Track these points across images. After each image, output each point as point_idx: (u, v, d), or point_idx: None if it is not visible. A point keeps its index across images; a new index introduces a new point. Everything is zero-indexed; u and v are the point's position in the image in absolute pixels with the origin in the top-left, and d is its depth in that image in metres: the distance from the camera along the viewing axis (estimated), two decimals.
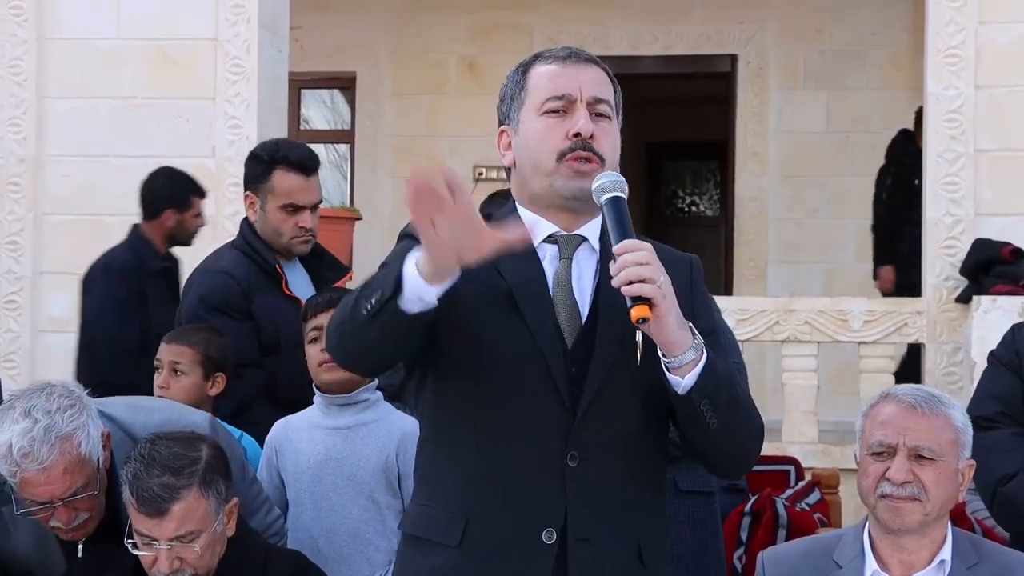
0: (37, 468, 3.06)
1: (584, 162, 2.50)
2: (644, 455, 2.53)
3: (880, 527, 2.93)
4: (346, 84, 10.29)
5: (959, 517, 3.98)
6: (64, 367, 6.08)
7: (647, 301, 2.32)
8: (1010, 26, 6.44)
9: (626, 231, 2.41)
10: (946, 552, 2.93)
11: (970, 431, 2.97)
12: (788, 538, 4.39)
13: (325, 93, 10.82)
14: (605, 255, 2.50)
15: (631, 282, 2.33)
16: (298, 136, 9.87)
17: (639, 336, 2.41)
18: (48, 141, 6.65)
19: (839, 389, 7.60)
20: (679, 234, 13.99)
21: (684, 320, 2.40)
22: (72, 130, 6.63)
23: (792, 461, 5.37)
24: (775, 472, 5.15)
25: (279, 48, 6.83)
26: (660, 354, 2.40)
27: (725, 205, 11.59)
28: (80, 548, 3.26)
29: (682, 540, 3.67)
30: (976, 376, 5.09)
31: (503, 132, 2.62)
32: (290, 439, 3.75)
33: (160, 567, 3.04)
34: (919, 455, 2.87)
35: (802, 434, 6.67)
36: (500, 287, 2.50)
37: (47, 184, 6.64)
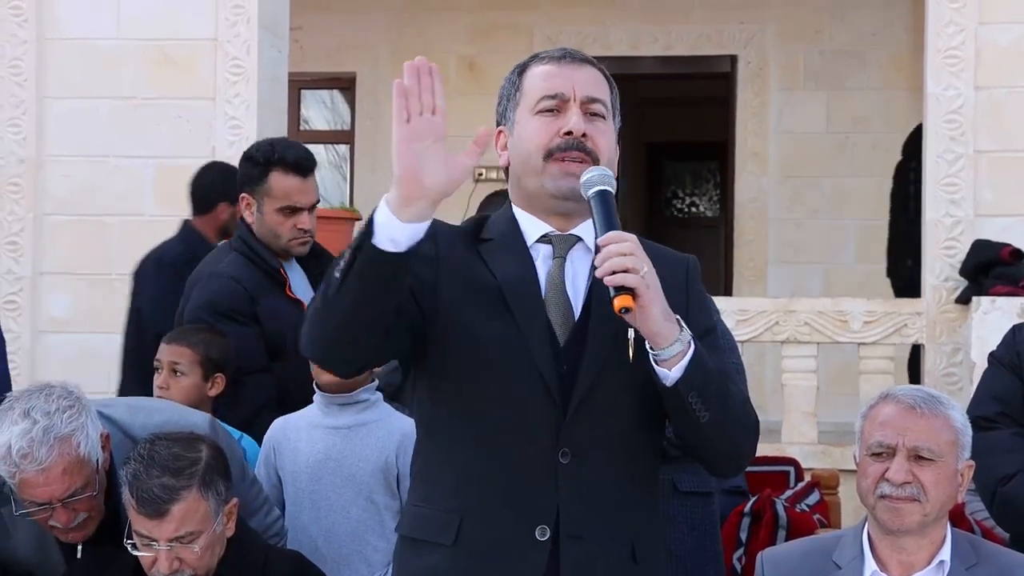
0: (36, 469, 3.06)
1: (574, 161, 2.51)
2: (638, 453, 2.54)
3: (879, 528, 2.93)
4: (346, 84, 10.29)
5: (958, 518, 3.98)
6: (64, 368, 6.08)
7: (630, 291, 2.34)
8: (1010, 27, 6.44)
9: (612, 224, 2.42)
10: (945, 553, 2.93)
11: (969, 432, 2.97)
12: (788, 539, 4.39)
13: (325, 93, 10.83)
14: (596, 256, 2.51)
15: (614, 272, 2.34)
16: (298, 137, 9.86)
17: (631, 333, 2.41)
18: (48, 141, 6.65)
19: (839, 390, 7.60)
20: (679, 235, 13.99)
21: (671, 313, 2.41)
22: (72, 130, 6.63)
23: (792, 462, 5.37)
24: (775, 473, 5.15)
25: (279, 48, 6.84)
26: (647, 347, 2.40)
27: (725, 206, 11.59)
28: (79, 549, 3.26)
29: (681, 541, 3.67)
30: (976, 377, 5.09)
31: (500, 133, 2.64)
32: (289, 438, 3.75)
33: (160, 568, 3.04)
34: (918, 456, 2.87)
35: (802, 435, 6.68)
36: (490, 286, 2.51)
37: (47, 184, 6.64)
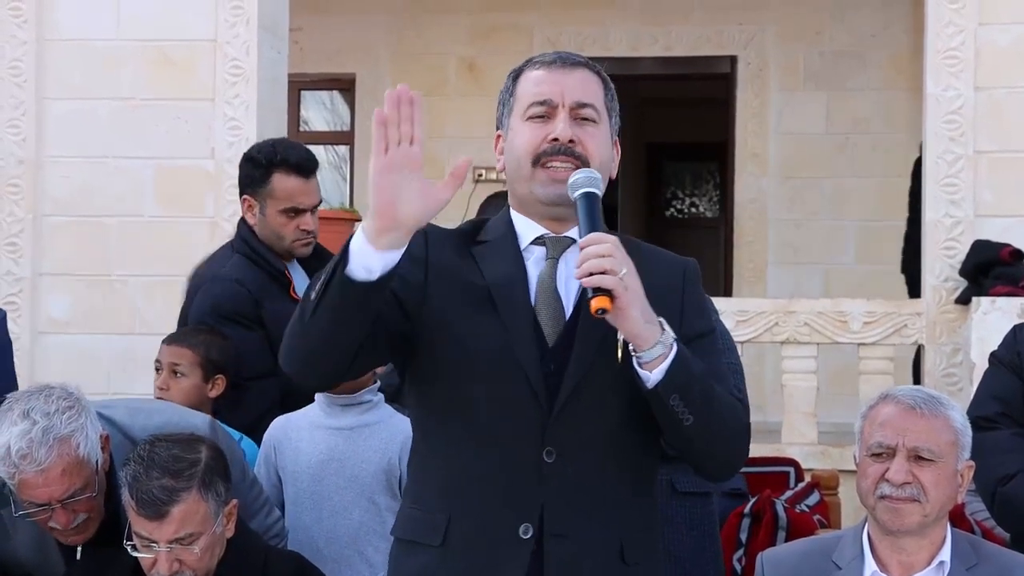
0: (35, 470, 3.05)
1: (562, 167, 2.53)
2: (629, 453, 2.54)
3: (879, 528, 2.93)
4: (346, 85, 10.29)
5: (958, 518, 3.98)
6: (63, 369, 6.08)
7: (608, 293, 2.34)
8: (1009, 27, 6.44)
9: (595, 226, 2.44)
10: (945, 553, 2.93)
11: (969, 432, 2.97)
12: (788, 539, 4.39)
13: (325, 94, 10.83)
14: None
15: (591, 274, 2.35)
16: (298, 138, 9.86)
17: (621, 334, 2.42)
18: (47, 142, 6.64)
19: (839, 390, 7.60)
20: (679, 235, 14.00)
21: (653, 315, 2.41)
22: (71, 131, 6.63)
23: (791, 462, 5.37)
24: (774, 473, 5.16)
25: (279, 49, 6.83)
26: (630, 349, 2.41)
27: (725, 206, 11.59)
28: (79, 550, 3.25)
29: (680, 541, 3.67)
30: (976, 377, 5.09)
31: (498, 137, 2.66)
32: (290, 438, 3.74)
33: (160, 569, 3.04)
34: (918, 456, 2.87)
35: (801, 435, 6.67)
36: (479, 287, 2.53)
37: (46, 185, 6.63)
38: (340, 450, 3.67)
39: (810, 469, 5.54)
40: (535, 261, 2.58)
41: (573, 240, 2.57)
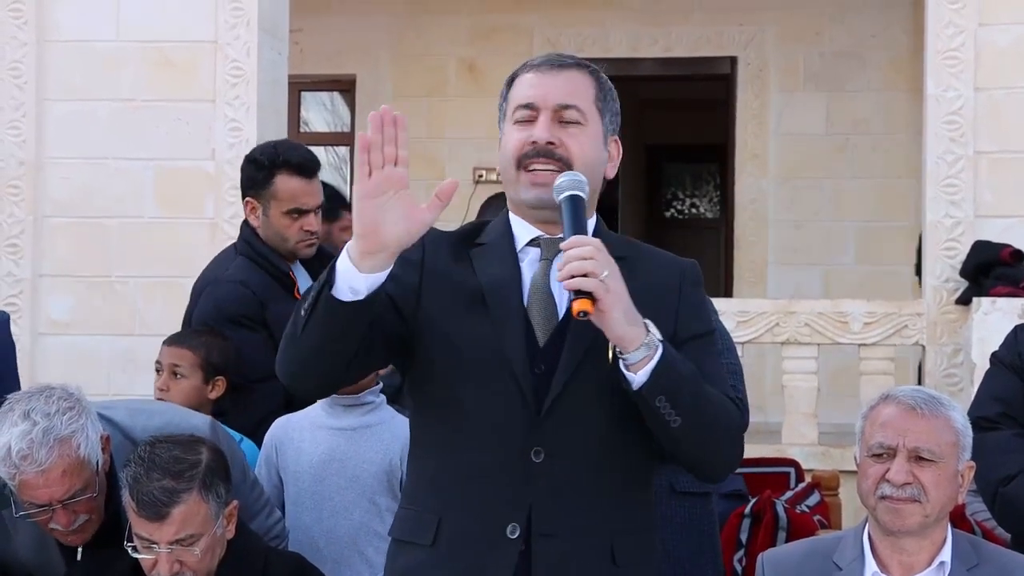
0: (36, 470, 3.06)
1: (542, 170, 2.53)
2: (620, 453, 2.54)
3: (880, 529, 2.93)
4: (346, 87, 10.29)
5: (959, 519, 3.98)
6: (63, 370, 6.08)
7: (589, 295, 2.35)
8: (1009, 28, 6.44)
9: (579, 228, 2.44)
10: (946, 554, 2.93)
11: (970, 433, 2.97)
12: (788, 540, 4.39)
13: (325, 96, 10.83)
14: None
15: (573, 276, 2.36)
16: (298, 139, 9.86)
17: None
18: (48, 144, 6.64)
19: (839, 391, 7.60)
20: (679, 236, 14.00)
21: (637, 317, 2.42)
22: (72, 133, 6.63)
23: (792, 463, 5.38)
24: (775, 474, 5.16)
25: (279, 51, 6.83)
26: (616, 351, 2.41)
27: (725, 207, 11.59)
28: (79, 551, 3.25)
29: (679, 541, 3.67)
30: (976, 378, 5.09)
31: (500, 140, 2.68)
32: (291, 438, 3.75)
33: (160, 570, 3.05)
34: (919, 456, 2.87)
35: (802, 436, 6.68)
36: (473, 289, 2.55)
37: (47, 187, 6.63)
38: (341, 450, 3.67)
39: (811, 470, 5.54)
40: (530, 263, 2.59)
41: None
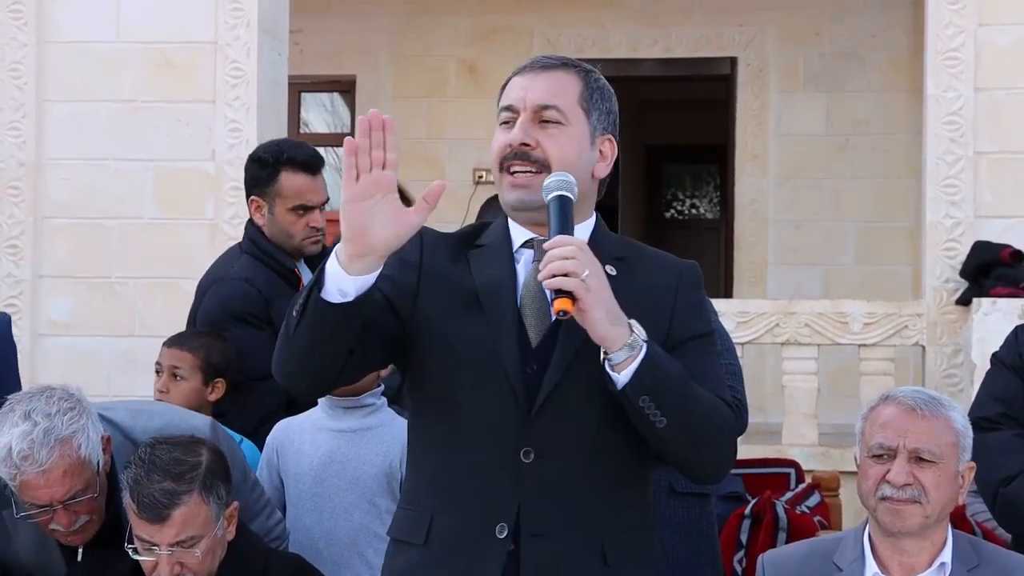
0: (37, 471, 3.06)
1: (520, 172, 2.54)
2: (612, 454, 2.54)
3: (880, 529, 2.93)
4: (346, 87, 10.29)
5: (959, 519, 3.98)
6: (63, 371, 6.08)
7: (570, 295, 2.36)
8: (1009, 28, 6.45)
9: (564, 229, 2.45)
10: (946, 554, 2.93)
11: (970, 433, 2.97)
12: (788, 541, 4.38)
13: (325, 96, 10.83)
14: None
15: (554, 276, 2.36)
16: (298, 139, 9.86)
17: None
18: (48, 145, 6.65)
19: (839, 392, 7.60)
20: (679, 237, 14.01)
21: (622, 317, 2.42)
22: (72, 134, 6.63)
23: (792, 464, 5.37)
24: (775, 475, 5.15)
25: (279, 51, 6.83)
26: (602, 351, 2.42)
27: (725, 208, 11.59)
28: (80, 552, 3.25)
29: (677, 542, 3.67)
30: (976, 378, 5.09)
31: None
32: (292, 440, 3.75)
33: (161, 572, 3.04)
34: (919, 457, 2.87)
35: (802, 437, 6.68)
36: (468, 290, 2.56)
37: (47, 188, 6.64)
38: (342, 452, 3.67)
39: (811, 470, 5.54)
40: (525, 264, 2.60)
41: None
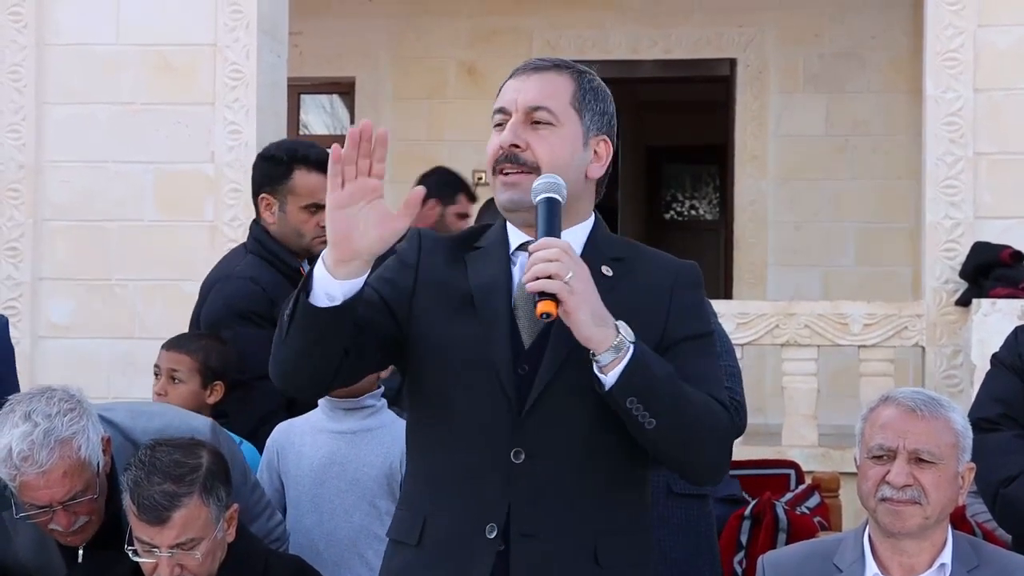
0: (36, 472, 3.06)
1: (511, 173, 2.55)
2: (605, 454, 2.54)
3: (880, 530, 2.93)
4: (345, 89, 10.29)
5: (959, 520, 3.98)
6: (63, 373, 6.07)
7: (553, 297, 2.36)
8: (1009, 29, 6.45)
9: (551, 231, 2.45)
10: (946, 555, 2.93)
11: (970, 434, 2.97)
12: (788, 542, 4.38)
13: (325, 98, 10.83)
14: (586, 262, 2.53)
15: (537, 278, 2.37)
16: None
17: None
18: (47, 147, 6.65)
19: (839, 393, 7.60)
20: (678, 238, 14.00)
21: (607, 319, 2.42)
22: (71, 136, 6.63)
23: (792, 465, 5.37)
24: (775, 476, 5.15)
25: (278, 53, 6.84)
26: (590, 353, 2.43)
27: (724, 209, 11.59)
28: (80, 553, 3.26)
29: (675, 543, 3.67)
30: (976, 379, 5.09)
31: None
32: (293, 442, 3.75)
33: (161, 574, 3.05)
34: (919, 458, 2.87)
35: (802, 438, 6.67)
36: (463, 291, 2.57)
37: (46, 190, 6.64)
38: (342, 454, 3.67)
39: (811, 471, 5.53)
40: (521, 266, 2.60)
41: None
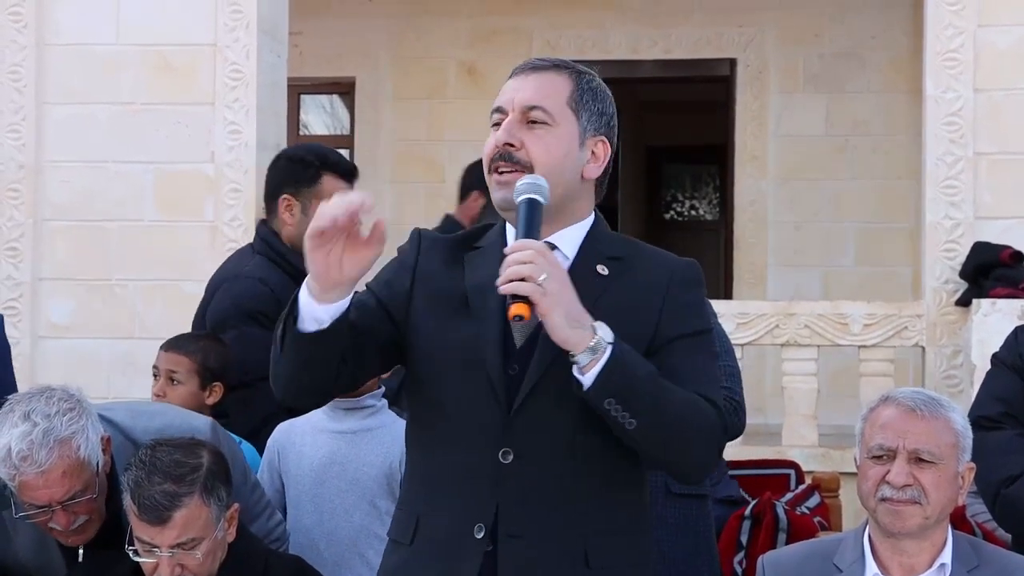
0: (36, 471, 3.06)
1: (505, 172, 2.55)
2: (595, 455, 2.53)
3: (880, 530, 2.93)
4: (345, 89, 10.29)
5: (959, 520, 3.98)
6: (63, 373, 6.07)
7: (526, 299, 2.36)
8: (1009, 29, 6.44)
9: (530, 232, 2.45)
10: (946, 555, 2.93)
11: (970, 434, 2.97)
12: (788, 542, 4.39)
13: (325, 98, 10.83)
14: (581, 261, 2.55)
15: (511, 281, 2.37)
16: (298, 141, 9.86)
17: None
18: (47, 147, 6.64)
19: (839, 393, 7.60)
20: (678, 238, 14.00)
21: (584, 321, 2.41)
22: (71, 136, 6.63)
23: (792, 465, 5.38)
24: (775, 476, 5.16)
25: (278, 53, 6.83)
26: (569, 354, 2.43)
27: (725, 209, 11.59)
28: (80, 552, 3.26)
29: (674, 543, 3.67)
30: (976, 379, 5.09)
31: None
32: (293, 442, 3.75)
33: (161, 574, 3.05)
34: (919, 458, 2.87)
35: (802, 438, 6.67)
36: (458, 291, 2.58)
37: (46, 190, 6.64)
38: (342, 454, 3.68)
39: (811, 471, 5.54)
40: None
41: (553, 245, 2.58)
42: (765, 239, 9.58)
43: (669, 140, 14.07)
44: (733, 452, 5.52)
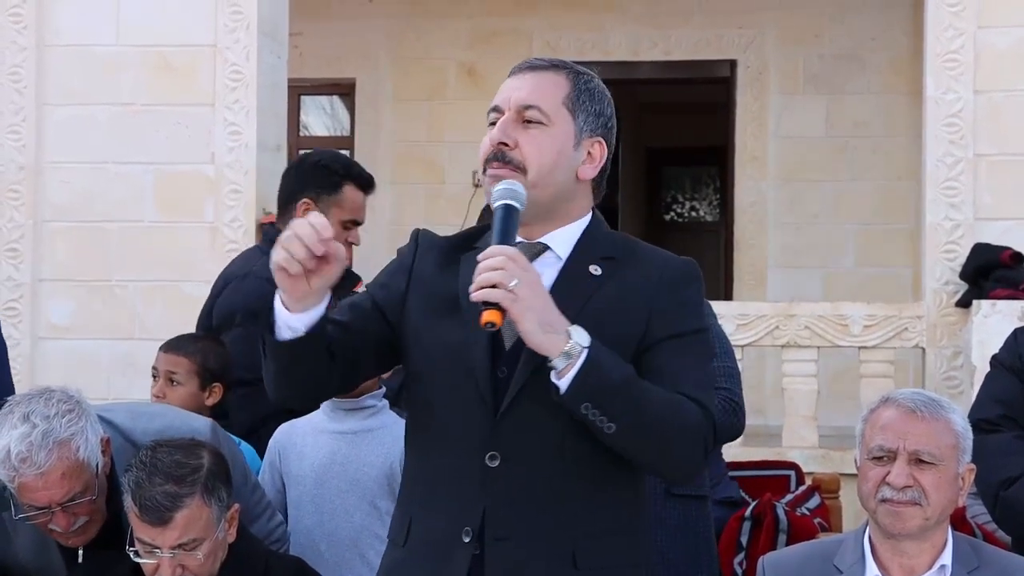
0: (35, 473, 3.05)
1: (499, 171, 2.54)
2: (584, 457, 2.51)
3: (880, 532, 2.93)
4: (346, 90, 10.29)
5: (959, 521, 3.98)
6: (63, 374, 6.08)
7: (497, 306, 2.36)
8: (1009, 30, 6.45)
9: (505, 238, 2.45)
10: (947, 557, 2.93)
11: (970, 435, 2.97)
12: (788, 543, 4.38)
13: (325, 99, 10.83)
14: (574, 261, 2.54)
15: (482, 288, 2.37)
16: (298, 142, 9.87)
17: None
18: (47, 148, 6.65)
19: (839, 394, 7.60)
20: (679, 239, 14.00)
21: (560, 325, 2.40)
22: (71, 137, 6.64)
23: (792, 466, 5.37)
24: (775, 477, 5.15)
25: (279, 54, 6.84)
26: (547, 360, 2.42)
27: (725, 210, 11.59)
28: (80, 554, 3.25)
29: (673, 543, 3.67)
30: (976, 380, 5.09)
31: None
32: (294, 443, 3.76)
33: (162, 574, 3.04)
34: (919, 459, 2.87)
35: (802, 439, 6.68)
36: (451, 292, 2.57)
37: (46, 191, 6.64)
38: (343, 454, 3.68)
39: (811, 472, 5.54)
40: None
41: (546, 246, 2.58)
42: (765, 240, 9.58)
43: (669, 141, 14.07)
44: (733, 453, 5.53)
